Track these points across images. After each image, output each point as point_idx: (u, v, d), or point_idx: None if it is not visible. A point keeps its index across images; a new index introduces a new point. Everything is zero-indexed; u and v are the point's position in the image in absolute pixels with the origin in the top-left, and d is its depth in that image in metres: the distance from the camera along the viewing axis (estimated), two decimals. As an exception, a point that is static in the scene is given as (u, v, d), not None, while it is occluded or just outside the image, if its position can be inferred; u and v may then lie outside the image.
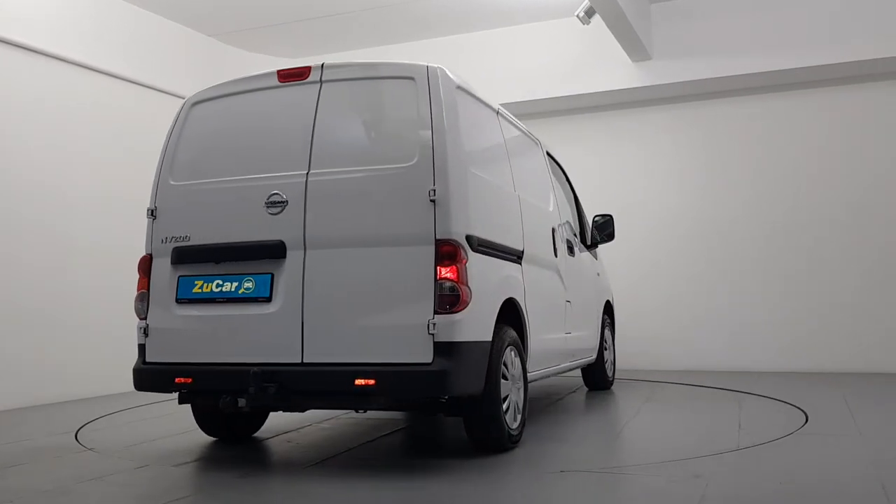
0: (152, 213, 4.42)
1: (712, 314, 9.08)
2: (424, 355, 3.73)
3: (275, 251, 4.01)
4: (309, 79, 4.26)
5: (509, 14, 9.13)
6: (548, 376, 5.47)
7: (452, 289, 3.76)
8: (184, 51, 8.88)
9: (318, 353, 3.89)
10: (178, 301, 4.24)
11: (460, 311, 3.77)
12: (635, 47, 8.52)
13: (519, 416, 4.41)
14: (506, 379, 4.23)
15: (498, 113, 4.98)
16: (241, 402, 3.94)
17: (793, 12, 8.44)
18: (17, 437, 5.20)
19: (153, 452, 4.55)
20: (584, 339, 6.22)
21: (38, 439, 5.11)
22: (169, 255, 4.29)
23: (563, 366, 5.68)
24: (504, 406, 4.20)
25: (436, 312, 3.74)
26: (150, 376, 4.29)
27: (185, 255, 4.25)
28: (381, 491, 3.57)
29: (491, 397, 4.06)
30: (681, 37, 8.83)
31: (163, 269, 4.31)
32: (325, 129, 4.15)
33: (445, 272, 3.76)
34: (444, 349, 3.72)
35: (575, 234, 6.48)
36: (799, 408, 5.73)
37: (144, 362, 4.31)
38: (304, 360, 3.91)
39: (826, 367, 8.50)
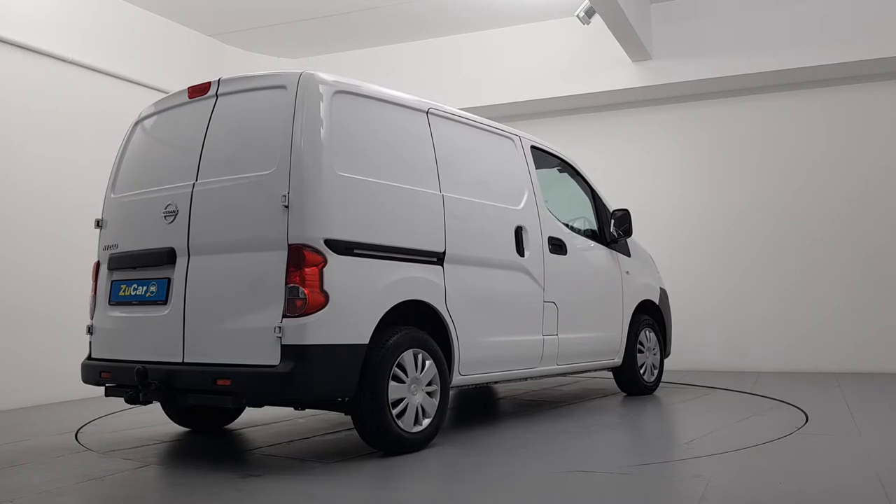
0: (98, 224, 4.86)
1: (712, 314, 9.09)
2: (272, 358, 3.86)
3: (168, 258, 4.32)
4: (208, 93, 4.51)
5: (509, 14, 9.13)
6: (515, 380, 5.35)
7: (302, 293, 3.86)
8: (184, 51, 8.87)
9: (194, 354, 4.15)
10: (111, 303, 4.66)
11: (312, 314, 3.86)
12: (635, 47, 8.52)
13: (426, 420, 4.39)
14: (400, 381, 4.24)
15: (428, 112, 4.89)
16: (142, 396, 4.25)
17: (792, 12, 8.44)
18: (17, 437, 5.21)
19: (153, 452, 4.56)
20: (587, 342, 6.02)
21: (38, 439, 5.11)
22: (107, 261, 4.73)
23: (539, 369, 5.50)
24: (400, 408, 4.22)
25: (284, 316, 3.86)
26: (88, 371, 4.66)
27: (114, 262, 4.68)
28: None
29: (372, 399, 4.09)
30: (681, 37, 8.83)
31: (104, 274, 4.77)
32: (212, 141, 4.39)
33: (295, 276, 3.88)
34: (293, 352, 3.83)
35: (587, 231, 6.36)
36: (799, 408, 5.74)
37: (88, 358, 4.72)
38: (185, 360, 4.16)
39: (826, 367, 8.51)
